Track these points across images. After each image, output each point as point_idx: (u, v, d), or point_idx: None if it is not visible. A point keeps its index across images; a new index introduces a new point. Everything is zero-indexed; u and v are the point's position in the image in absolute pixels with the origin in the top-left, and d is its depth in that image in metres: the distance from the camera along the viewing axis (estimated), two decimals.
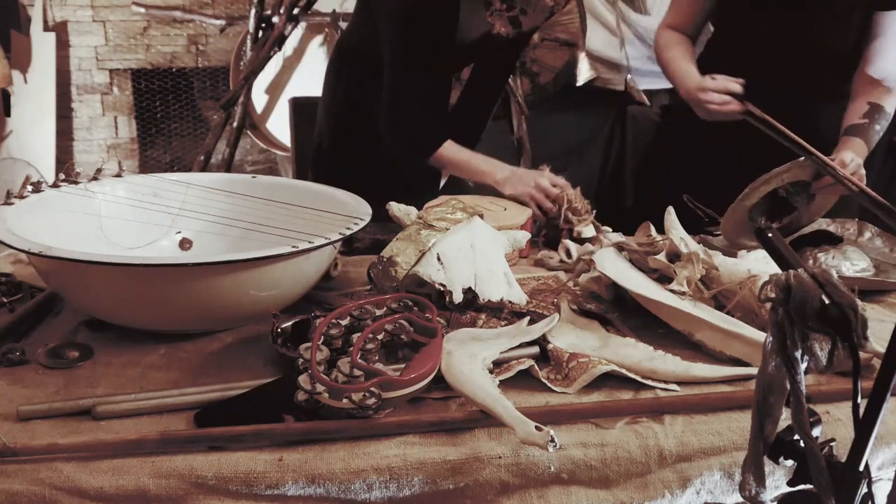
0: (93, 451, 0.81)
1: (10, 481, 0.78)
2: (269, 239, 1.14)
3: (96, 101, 3.98)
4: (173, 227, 1.34)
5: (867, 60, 1.65)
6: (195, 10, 3.88)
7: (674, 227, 1.25)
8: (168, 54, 3.97)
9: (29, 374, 0.98)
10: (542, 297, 1.25)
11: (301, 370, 0.89)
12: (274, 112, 3.83)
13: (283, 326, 1.04)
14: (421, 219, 1.22)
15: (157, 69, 3.98)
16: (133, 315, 1.07)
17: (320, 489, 0.81)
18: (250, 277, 1.04)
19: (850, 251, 1.40)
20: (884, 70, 1.63)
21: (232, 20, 3.84)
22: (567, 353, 1.02)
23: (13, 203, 1.15)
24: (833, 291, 0.65)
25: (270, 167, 4.20)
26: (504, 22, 1.57)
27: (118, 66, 3.95)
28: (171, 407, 0.90)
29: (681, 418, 0.92)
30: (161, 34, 3.95)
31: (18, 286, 1.21)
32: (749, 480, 0.71)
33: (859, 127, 1.59)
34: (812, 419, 0.67)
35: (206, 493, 0.79)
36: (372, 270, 1.16)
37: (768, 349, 0.68)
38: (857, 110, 1.62)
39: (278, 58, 3.59)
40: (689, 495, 0.88)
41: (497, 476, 0.84)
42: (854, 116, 1.61)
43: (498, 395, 0.86)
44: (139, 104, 4.02)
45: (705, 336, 1.08)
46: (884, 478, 0.95)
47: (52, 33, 3.77)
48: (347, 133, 1.79)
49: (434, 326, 0.98)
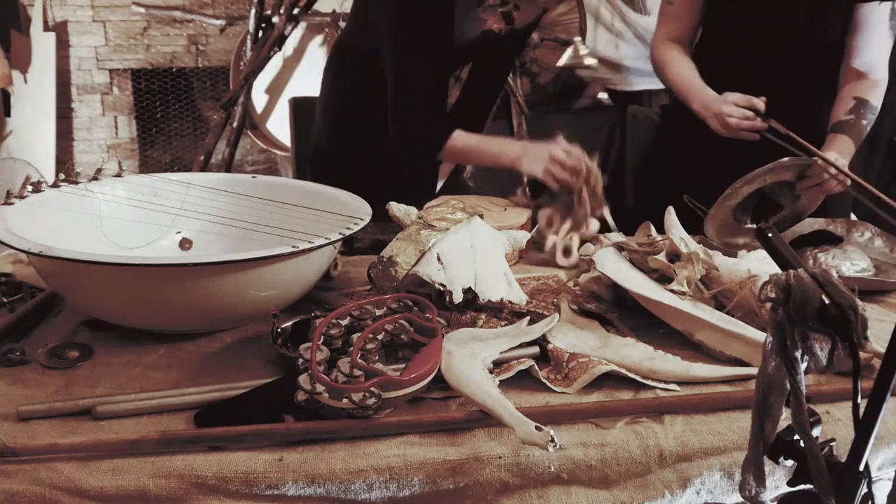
0: (93, 451, 0.81)
1: (10, 481, 0.78)
2: (269, 239, 1.14)
3: (96, 101, 3.98)
4: (173, 227, 1.34)
5: (851, 54, 1.65)
6: (195, 10, 3.88)
7: (674, 227, 1.25)
8: (168, 54, 3.98)
9: (29, 374, 0.98)
10: (542, 297, 1.25)
11: (301, 370, 0.89)
12: (274, 112, 3.83)
13: (283, 326, 1.04)
14: (421, 219, 1.22)
15: (157, 69, 3.98)
16: (133, 315, 1.07)
17: (320, 489, 0.81)
18: (250, 277, 1.04)
19: (850, 251, 1.40)
20: (868, 63, 1.63)
21: (232, 20, 3.84)
22: (567, 353, 1.02)
23: (13, 203, 1.15)
24: (833, 291, 0.65)
25: (270, 167, 4.20)
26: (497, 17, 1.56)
27: (118, 66, 3.95)
28: (171, 407, 0.90)
29: (681, 418, 0.92)
30: (161, 34, 3.95)
31: (18, 286, 1.21)
32: (749, 480, 0.71)
33: (846, 123, 1.59)
34: (812, 419, 0.67)
35: (206, 493, 0.79)
36: (372, 270, 1.16)
37: (768, 349, 0.68)
38: (843, 106, 1.62)
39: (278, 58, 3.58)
40: (689, 495, 0.88)
41: (497, 476, 0.84)
42: (840, 112, 1.61)
43: (498, 395, 0.86)
44: (139, 104, 4.02)
45: (705, 336, 1.08)
46: (884, 478, 0.95)
47: (52, 33, 3.77)
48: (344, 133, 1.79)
49: (434, 326, 0.98)
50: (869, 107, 1.61)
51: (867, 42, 1.62)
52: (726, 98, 1.60)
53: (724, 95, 1.61)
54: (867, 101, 1.61)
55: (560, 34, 3.02)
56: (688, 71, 1.73)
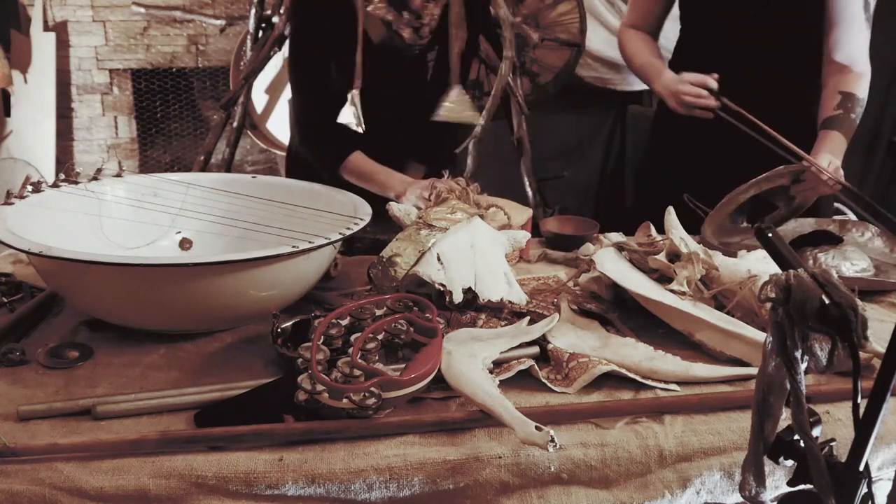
0: (93, 451, 0.81)
1: (10, 481, 0.78)
2: (269, 239, 1.14)
3: (96, 101, 3.98)
4: (173, 227, 1.34)
5: (831, 48, 1.66)
6: (195, 10, 3.88)
7: (674, 227, 1.25)
8: (168, 54, 3.97)
9: (29, 374, 0.98)
10: (542, 297, 1.25)
11: (301, 370, 0.89)
12: (274, 112, 3.83)
13: (283, 326, 1.04)
14: (421, 219, 1.22)
15: (157, 69, 3.98)
16: (133, 315, 1.07)
17: (320, 489, 0.81)
18: (250, 277, 1.04)
19: (850, 251, 1.40)
20: (849, 55, 1.65)
21: (232, 20, 3.84)
22: (567, 353, 1.02)
23: (13, 203, 1.15)
24: (833, 291, 0.65)
25: (270, 167, 4.20)
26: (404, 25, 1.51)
27: (118, 66, 3.94)
28: (171, 407, 0.90)
29: (681, 418, 0.92)
30: (161, 34, 3.95)
31: (18, 286, 1.21)
32: (749, 480, 0.71)
33: (835, 119, 1.60)
34: (812, 419, 0.67)
35: (206, 493, 0.79)
36: (372, 270, 1.16)
37: (768, 349, 0.68)
38: (830, 101, 1.64)
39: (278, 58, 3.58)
40: (689, 495, 0.88)
41: (497, 476, 0.84)
42: (828, 108, 1.63)
43: (498, 395, 0.86)
44: (139, 104, 4.02)
45: (705, 336, 1.08)
46: (884, 478, 0.95)
47: (52, 33, 3.77)
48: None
49: (434, 326, 0.98)
50: (856, 100, 1.62)
51: (845, 36, 1.65)
52: (682, 77, 1.66)
53: (680, 75, 1.67)
54: (853, 94, 1.63)
55: (560, 34, 3.02)
56: (648, 53, 1.80)
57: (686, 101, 1.64)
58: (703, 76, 1.64)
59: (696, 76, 1.65)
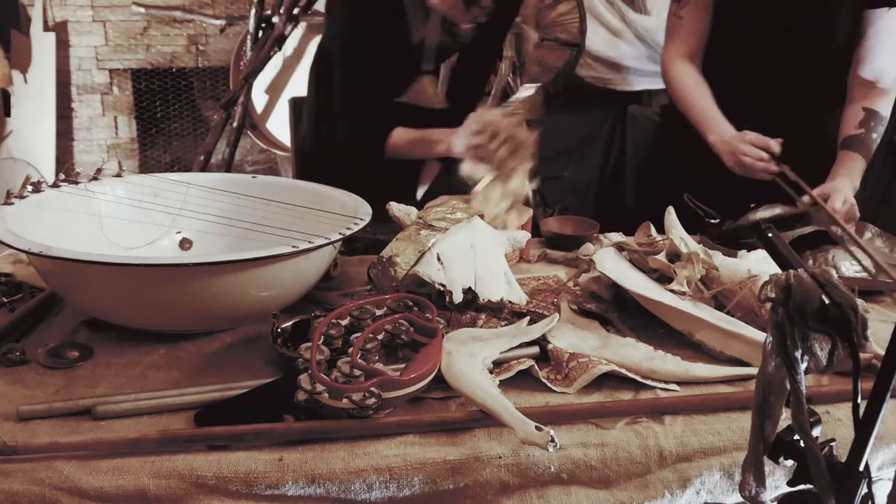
0: (93, 451, 0.81)
1: (10, 481, 0.78)
2: (269, 239, 1.14)
3: (96, 101, 3.98)
4: (173, 227, 1.34)
5: (859, 62, 1.63)
6: (195, 10, 3.88)
7: (674, 227, 1.25)
8: (168, 54, 3.97)
9: (29, 374, 0.98)
10: (542, 297, 1.25)
11: (301, 370, 0.89)
12: (274, 112, 3.83)
13: (283, 326, 1.04)
14: (421, 219, 1.22)
15: (157, 69, 3.98)
16: (133, 315, 1.07)
17: (320, 489, 0.81)
18: (250, 277, 1.04)
19: (849, 251, 1.40)
20: (877, 71, 1.61)
21: (232, 20, 3.84)
22: (567, 353, 1.02)
23: (13, 203, 1.15)
24: (833, 291, 0.65)
25: (270, 167, 4.20)
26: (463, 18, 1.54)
27: (118, 66, 3.94)
28: (171, 407, 0.90)
29: (681, 418, 0.92)
30: (161, 34, 3.94)
31: (18, 286, 1.21)
32: (749, 480, 0.71)
33: (856, 139, 1.56)
34: (812, 419, 0.67)
35: (206, 493, 0.79)
36: (372, 270, 1.16)
37: (768, 349, 0.68)
38: (853, 117, 1.60)
39: (278, 58, 3.58)
40: (689, 495, 0.88)
41: (497, 476, 0.84)
42: (850, 125, 1.59)
43: (498, 395, 0.86)
44: (139, 104, 4.02)
45: (705, 336, 1.08)
46: (884, 478, 0.95)
47: (52, 33, 3.77)
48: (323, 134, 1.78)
49: (434, 326, 0.98)
50: (879, 118, 1.58)
51: (876, 49, 1.59)
52: (744, 136, 1.57)
53: (742, 134, 1.58)
54: (877, 111, 1.59)
55: (560, 34, 3.02)
56: (706, 100, 1.69)
57: (745, 164, 1.56)
58: (766, 138, 1.55)
59: (758, 137, 1.56)
